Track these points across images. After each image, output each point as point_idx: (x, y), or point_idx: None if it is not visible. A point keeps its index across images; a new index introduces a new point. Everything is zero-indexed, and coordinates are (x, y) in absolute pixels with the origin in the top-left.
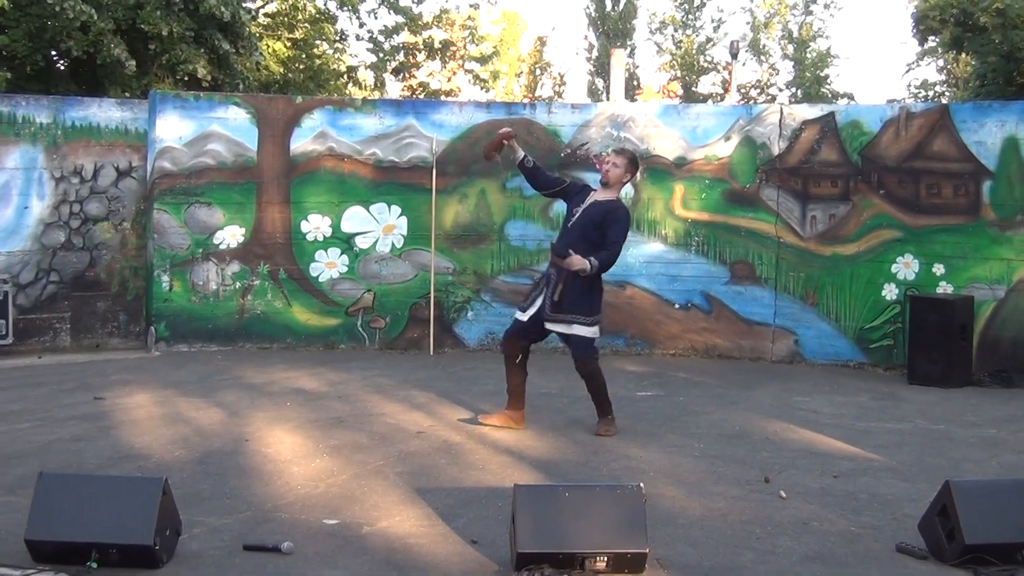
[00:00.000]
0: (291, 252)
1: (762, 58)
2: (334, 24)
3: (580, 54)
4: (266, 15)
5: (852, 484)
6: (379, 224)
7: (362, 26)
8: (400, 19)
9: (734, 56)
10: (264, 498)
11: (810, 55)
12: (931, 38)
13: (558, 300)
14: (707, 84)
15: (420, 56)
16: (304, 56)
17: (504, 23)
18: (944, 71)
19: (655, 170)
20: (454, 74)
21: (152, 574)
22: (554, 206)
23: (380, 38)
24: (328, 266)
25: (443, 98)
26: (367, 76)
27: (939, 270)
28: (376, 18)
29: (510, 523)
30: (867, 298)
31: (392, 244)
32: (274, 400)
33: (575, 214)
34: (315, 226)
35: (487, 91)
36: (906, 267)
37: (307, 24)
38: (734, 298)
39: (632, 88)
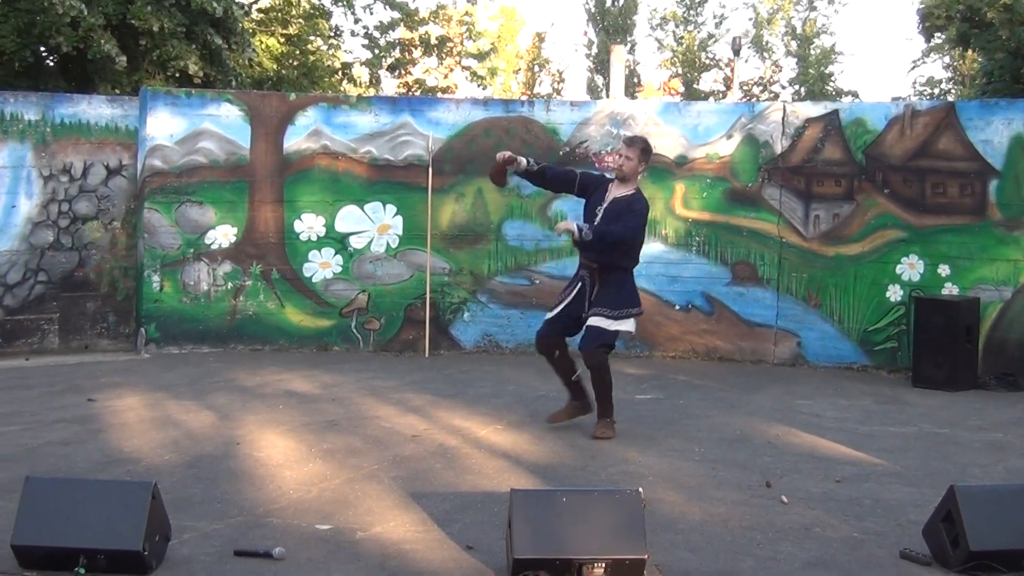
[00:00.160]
0: (284, 252)
1: (765, 55)
2: (328, 20)
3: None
4: (259, 10)
5: (855, 489)
6: (374, 224)
7: (357, 22)
8: (396, 15)
9: (736, 53)
10: (256, 503)
11: (814, 52)
12: (937, 34)
13: (592, 302)
14: (709, 81)
15: (416, 52)
16: (298, 52)
17: (502, 19)
18: (950, 68)
19: (655, 169)
20: (451, 71)
21: None
22: (553, 205)
23: (375, 34)
24: (322, 266)
25: (439, 95)
26: (362, 73)
27: (944, 271)
28: (371, 13)
29: (506, 528)
30: (871, 299)
31: (387, 244)
32: (266, 403)
33: (597, 214)
34: (309, 225)
35: (484, 88)
36: (911, 268)
37: (301, 19)
38: (735, 299)
39: (632, 85)
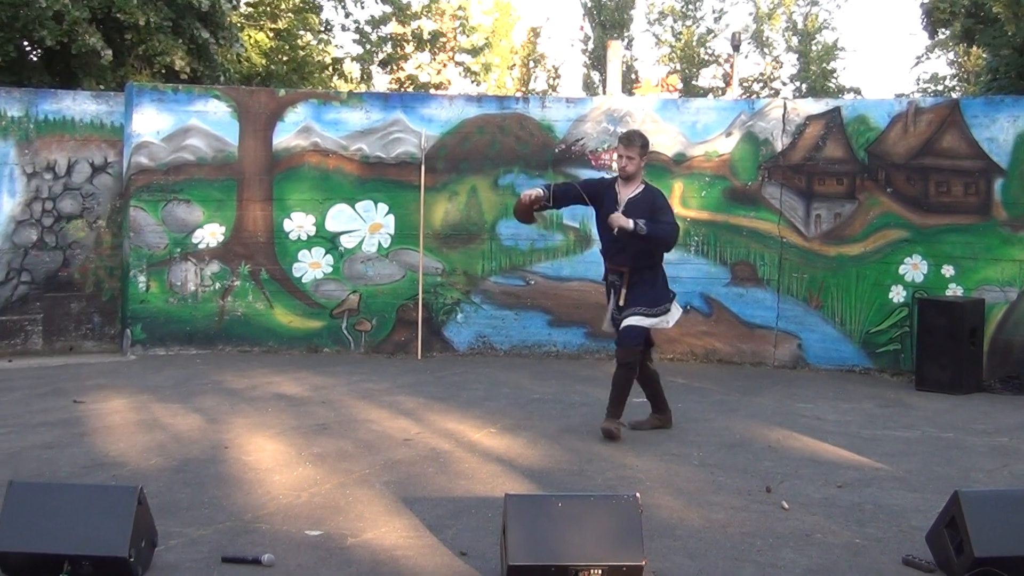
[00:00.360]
0: (273, 252)
1: (765, 51)
2: (319, 14)
3: (575, 46)
4: (248, 4)
5: (857, 494)
6: (365, 223)
7: (348, 16)
8: (388, 8)
9: (736, 48)
10: (244, 508)
11: (815, 48)
12: (941, 30)
13: (624, 304)
14: (707, 78)
15: (408, 47)
16: (287, 47)
17: (496, 13)
18: (954, 64)
19: (653, 167)
20: (444, 66)
21: None
22: None
23: (367, 28)
24: (312, 266)
25: (432, 91)
26: (353, 68)
27: (948, 271)
28: (363, 7)
29: (501, 534)
30: (873, 300)
31: (379, 243)
32: (255, 406)
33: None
34: (298, 224)
35: (478, 84)
36: (914, 268)
37: (290, 14)
38: (735, 300)
39: (629, 81)
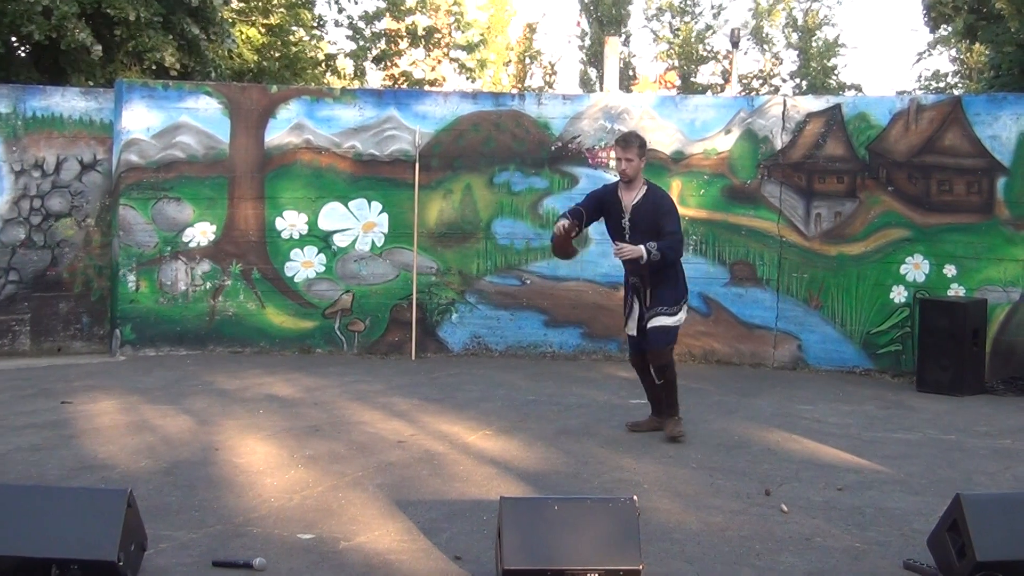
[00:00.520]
0: (265, 251)
1: (765, 47)
2: (311, 9)
3: (572, 42)
4: None
5: (858, 497)
6: (358, 221)
7: (341, 11)
8: (382, 4)
9: (735, 45)
10: (235, 511)
11: (816, 44)
12: (943, 26)
13: (650, 305)
14: (706, 74)
15: (403, 43)
16: (279, 43)
17: (492, 9)
18: (957, 61)
19: (651, 164)
20: (439, 63)
21: None
22: (544, 203)
23: (360, 24)
24: (304, 265)
25: (427, 88)
26: (346, 65)
27: (950, 271)
28: (356, 3)
29: (496, 538)
30: (874, 301)
31: (372, 242)
32: (246, 407)
33: (624, 227)
34: (290, 223)
35: (473, 81)
36: (916, 268)
37: (283, 9)
38: (734, 300)
39: (627, 78)
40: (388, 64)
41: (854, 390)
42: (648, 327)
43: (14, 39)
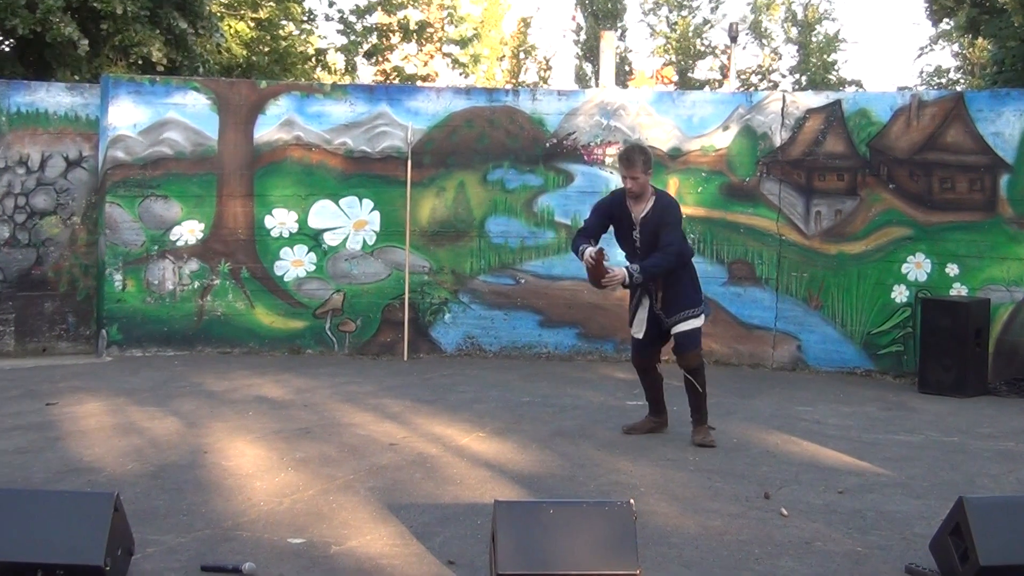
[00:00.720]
0: (254, 249)
1: (764, 42)
2: (301, 3)
3: (567, 37)
4: None
5: (858, 501)
6: (349, 219)
7: (332, 5)
8: None
9: (733, 39)
10: (224, 515)
11: (815, 39)
12: (945, 20)
13: (663, 307)
14: (704, 69)
15: (394, 38)
16: (269, 37)
17: (485, 3)
18: (959, 56)
19: None
20: (431, 58)
21: None
22: (538, 201)
23: (351, 18)
24: (294, 264)
25: (419, 84)
26: (337, 59)
27: (953, 270)
28: None
29: (490, 542)
30: (875, 300)
31: (363, 241)
32: (235, 409)
33: (636, 239)
34: (280, 221)
35: (467, 76)
36: (917, 267)
37: (272, 3)
38: (732, 300)
39: (623, 74)
40: (380, 59)
41: (855, 391)
42: (676, 332)
43: None
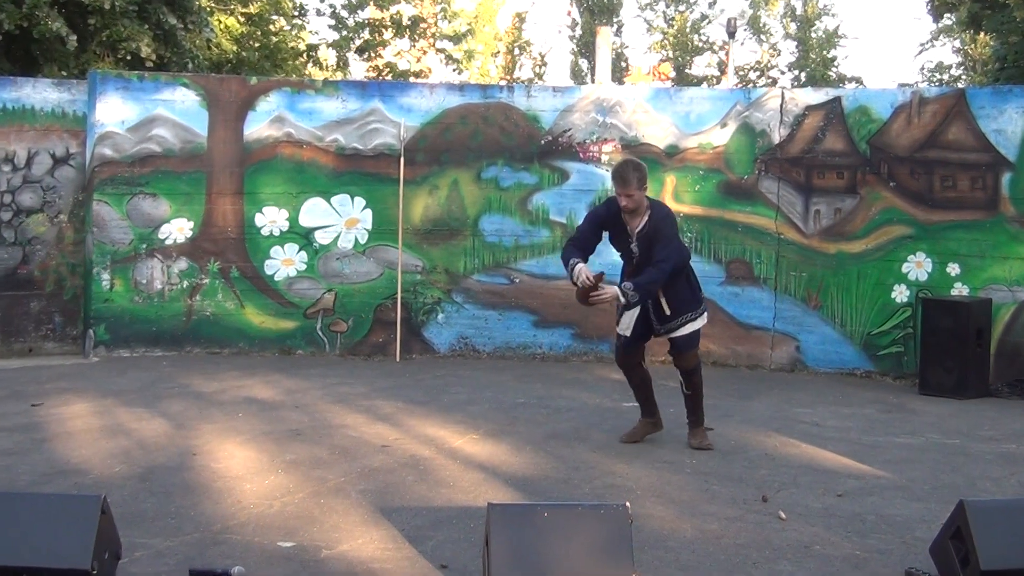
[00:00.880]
0: (244, 248)
1: (762, 37)
2: None
3: (562, 32)
4: None
5: (858, 504)
6: (341, 217)
7: (323, 0)
8: None
9: (731, 35)
10: (213, 518)
11: (815, 35)
12: (947, 15)
13: (669, 314)
14: (702, 66)
15: (387, 34)
16: (259, 33)
17: None
18: (960, 52)
19: (644, 159)
20: (424, 53)
21: None
22: (533, 199)
23: (343, 13)
24: (285, 263)
25: (412, 80)
26: (329, 55)
27: (954, 270)
28: None
29: (483, 546)
30: (875, 300)
31: (355, 239)
32: (225, 410)
33: (635, 252)
34: (271, 219)
35: (460, 72)
36: (918, 267)
37: None
38: (730, 300)
39: (619, 70)
40: (372, 55)
41: (854, 393)
42: (678, 336)
43: None
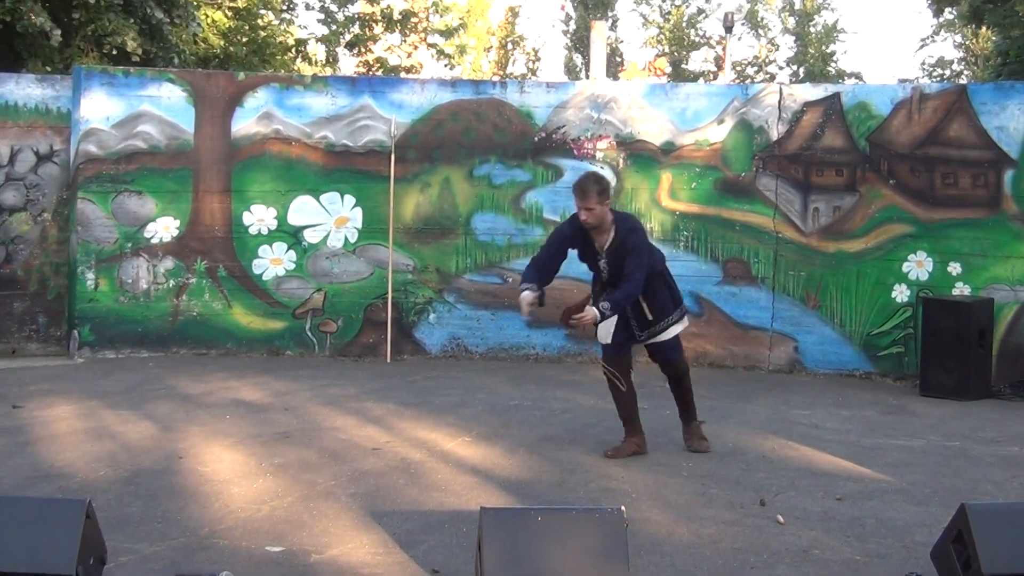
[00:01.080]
0: (232, 247)
1: (760, 32)
2: None
3: (556, 27)
4: None
5: (857, 508)
6: (331, 216)
7: None
8: None
9: (728, 30)
10: (200, 522)
11: (814, 29)
12: (948, 10)
13: (652, 318)
14: (698, 61)
15: (377, 28)
16: (247, 27)
17: None
18: (962, 47)
19: (640, 156)
20: (415, 48)
21: None
22: (526, 197)
23: (332, 7)
24: (273, 263)
25: (403, 75)
26: (318, 50)
27: (955, 269)
28: None
29: (476, 551)
30: (875, 300)
31: (345, 238)
32: (212, 412)
33: (604, 270)
34: (259, 218)
35: (452, 68)
36: (919, 266)
37: None
38: (727, 300)
39: (614, 65)
40: (362, 50)
41: (854, 394)
42: (662, 340)
43: None
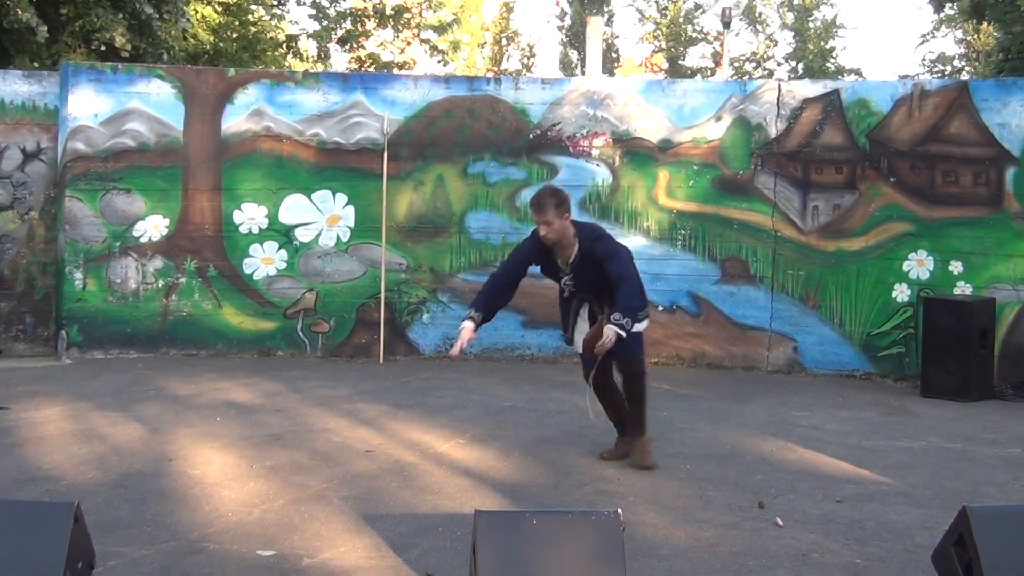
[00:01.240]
0: (222, 246)
1: (758, 28)
2: None
3: (551, 22)
4: None
5: (857, 510)
6: (322, 214)
7: None
8: None
9: (726, 25)
10: (190, 526)
11: (813, 25)
12: (949, 5)
13: (607, 312)
14: (696, 57)
15: (370, 23)
16: (237, 23)
17: None
18: (963, 43)
19: (636, 154)
20: (408, 44)
21: None
22: (521, 195)
23: (324, 2)
24: (264, 262)
25: (396, 72)
26: (309, 46)
27: (956, 268)
28: None
29: (470, 555)
30: (875, 300)
31: (337, 237)
32: (202, 414)
33: (568, 285)
34: (249, 216)
35: (446, 64)
36: (919, 265)
37: None
38: (725, 299)
39: (610, 61)
40: (354, 46)
41: (853, 395)
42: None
43: None
